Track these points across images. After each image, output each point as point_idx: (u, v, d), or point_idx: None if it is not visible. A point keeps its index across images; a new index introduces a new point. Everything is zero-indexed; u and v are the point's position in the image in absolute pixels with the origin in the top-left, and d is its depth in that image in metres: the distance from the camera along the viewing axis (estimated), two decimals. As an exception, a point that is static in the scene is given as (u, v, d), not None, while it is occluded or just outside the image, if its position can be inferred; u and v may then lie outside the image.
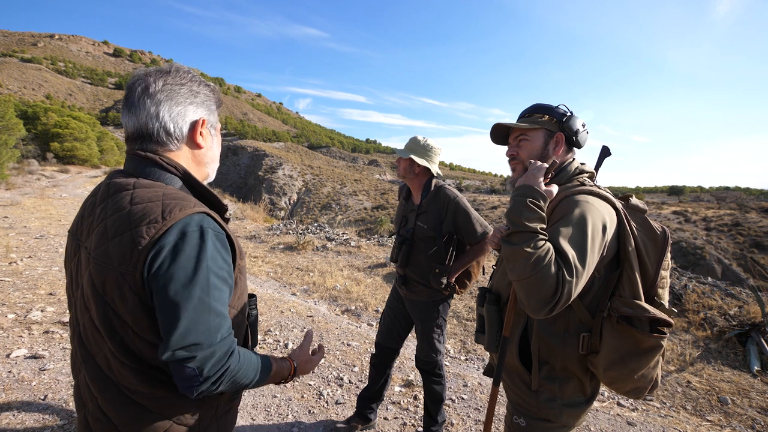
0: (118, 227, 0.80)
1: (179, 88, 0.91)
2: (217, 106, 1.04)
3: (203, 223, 0.82)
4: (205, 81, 0.99)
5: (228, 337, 0.83)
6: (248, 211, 13.31)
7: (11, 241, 6.18)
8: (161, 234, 0.78)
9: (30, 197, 11.87)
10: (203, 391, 0.80)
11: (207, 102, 0.97)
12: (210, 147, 1.00)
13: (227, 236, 0.88)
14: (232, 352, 0.83)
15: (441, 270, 2.06)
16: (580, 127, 1.29)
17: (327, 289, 5.43)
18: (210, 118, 0.98)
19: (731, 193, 54.41)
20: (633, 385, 1.15)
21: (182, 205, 0.82)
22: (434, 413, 2.30)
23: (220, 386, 0.81)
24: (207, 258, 0.80)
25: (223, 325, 0.82)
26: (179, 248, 0.78)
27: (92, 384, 0.87)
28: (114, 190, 0.86)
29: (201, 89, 0.96)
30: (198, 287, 0.77)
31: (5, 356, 2.89)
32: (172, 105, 0.90)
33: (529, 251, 1.01)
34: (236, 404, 1.06)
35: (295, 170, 51.50)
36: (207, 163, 1.01)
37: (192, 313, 0.76)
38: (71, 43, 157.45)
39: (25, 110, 24.26)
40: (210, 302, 0.79)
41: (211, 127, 0.99)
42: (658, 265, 1.18)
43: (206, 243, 0.80)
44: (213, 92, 1.00)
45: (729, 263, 20.63)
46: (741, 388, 3.32)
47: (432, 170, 2.17)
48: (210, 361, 0.78)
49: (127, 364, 0.82)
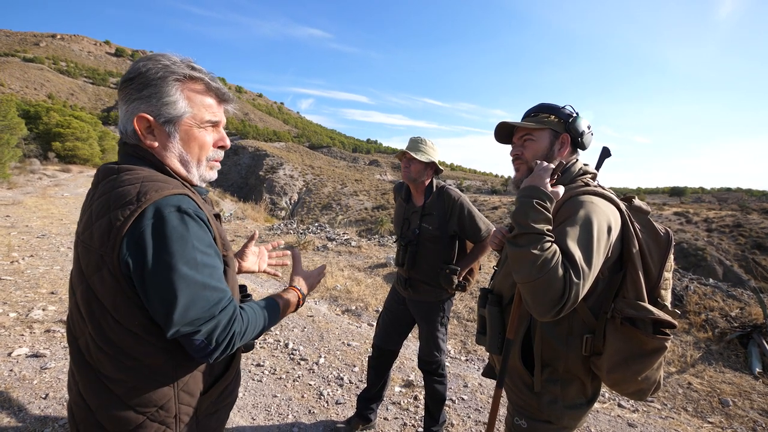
0: (100, 210, 0.81)
1: (136, 83, 0.86)
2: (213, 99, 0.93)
3: (182, 203, 0.80)
4: (179, 67, 0.88)
5: (229, 306, 0.85)
6: (249, 211, 13.31)
7: (13, 240, 6.19)
8: (136, 216, 0.77)
9: (32, 196, 11.89)
10: (218, 356, 0.84)
11: (156, 94, 0.85)
12: (166, 146, 0.89)
13: (207, 222, 0.86)
14: (235, 319, 0.85)
15: (451, 270, 2.05)
16: (586, 129, 1.28)
17: (327, 289, 5.43)
18: (163, 112, 0.86)
19: (733, 194, 54.28)
20: (636, 386, 1.14)
21: (159, 187, 0.81)
22: (435, 413, 2.29)
23: (233, 347, 0.86)
24: (191, 237, 0.79)
25: (222, 297, 0.83)
26: (159, 229, 0.77)
27: (75, 369, 0.88)
28: (101, 176, 0.88)
29: (157, 77, 0.85)
30: (185, 266, 0.77)
31: (6, 355, 2.89)
32: (123, 104, 0.88)
33: (536, 253, 1.00)
34: (224, 407, 1.03)
35: (295, 170, 51.50)
36: (181, 163, 0.91)
37: (187, 291, 0.77)
38: (73, 42, 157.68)
39: (27, 110, 24.29)
40: (203, 279, 0.80)
41: (167, 123, 0.87)
42: (661, 266, 1.18)
43: (187, 223, 0.79)
44: (180, 79, 0.87)
45: (730, 264, 20.58)
46: (742, 390, 3.31)
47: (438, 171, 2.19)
48: (216, 331, 0.81)
49: (103, 349, 0.82)
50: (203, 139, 0.93)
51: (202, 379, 0.93)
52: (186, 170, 0.93)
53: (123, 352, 0.83)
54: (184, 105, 0.88)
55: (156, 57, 0.88)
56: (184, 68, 0.88)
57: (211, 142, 0.95)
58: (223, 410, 1.03)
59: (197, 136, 0.91)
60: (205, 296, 0.80)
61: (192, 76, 0.89)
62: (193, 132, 0.91)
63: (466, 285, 2.21)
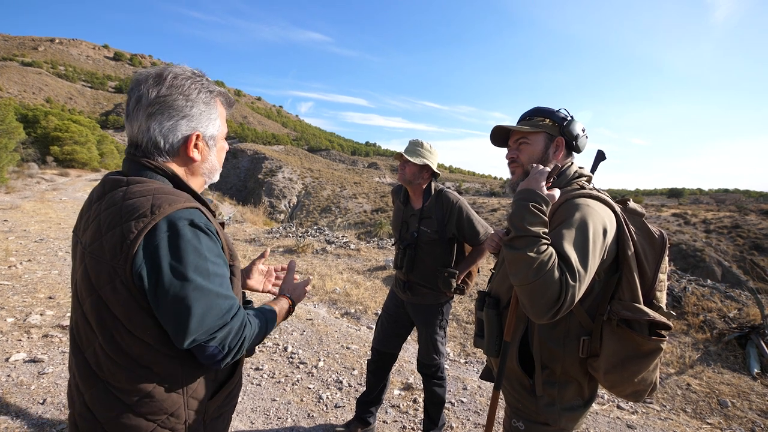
0: (110, 222, 0.82)
1: (173, 99, 0.88)
2: (227, 111, 1.02)
3: (194, 217, 0.83)
4: (209, 85, 0.95)
5: (239, 313, 0.88)
6: (248, 214, 13.31)
7: (11, 245, 6.17)
8: (149, 228, 0.79)
9: (30, 201, 11.86)
10: (228, 362, 0.87)
11: (205, 112, 0.93)
12: (206, 159, 0.97)
13: (216, 234, 0.89)
14: (245, 324, 0.89)
15: (450, 273, 2.06)
16: (580, 132, 1.30)
17: (326, 292, 5.42)
18: (208, 130, 0.95)
19: (731, 195, 54.47)
20: (633, 388, 1.15)
21: (172, 200, 0.83)
22: (434, 416, 2.29)
23: (241, 352, 0.89)
24: (203, 249, 0.82)
25: (233, 305, 0.87)
26: (174, 242, 0.79)
27: (80, 381, 0.88)
28: (109, 187, 0.88)
29: (200, 97, 0.92)
30: (200, 277, 0.80)
31: (4, 360, 2.88)
32: (163, 120, 0.88)
33: (532, 256, 1.00)
34: (228, 410, 1.05)
35: (294, 173, 51.53)
36: (203, 174, 0.99)
37: (203, 301, 0.80)
38: (71, 46, 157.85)
39: (25, 114, 24.27)
40: (215, 288, 0.83)
41: (210, 139, 0.96)
42: (656, 268, 1.18)
43: (199, 236, 0.82)
44: (215, 97, 0.96)
45: (729, 265, 20.62)
46: (741, 391, 3.31)
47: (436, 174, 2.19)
48: (228, 337, 0.85)
49: (115, 360, 0.83)
50: (225, 149, 1.04)
51: (209, 384, 0.95)
52: (208, 178, 1.02)
53: (135, 361, 0.83)
54: (219, 122, 0.99)
55: (184, 74, 0.92)
56: (214, 86, 0.97)
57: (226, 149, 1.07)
58: (228, 413, 1.06)
59: (224, 146, 1.03)
60: (219, 304, 0.83)
61: (219, 92, 0.99)
62: (222, 145, 1.02)
63: (465, 288, 2.21)
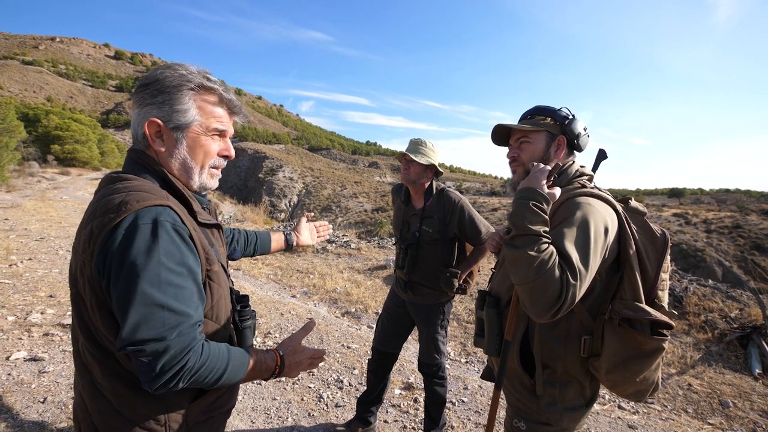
0: (87, 217, 0.83)
1: (149, 89, 0.89)
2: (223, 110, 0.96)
3: (160, 215, 0.78)
4: (193, 78, 0.91)
5: (188, 334, 0.78)
6: (248, 213, 13.32)
7: (11, 243, 6.17)
8: (114, 225, 0.77)
9: (30, 199, 11.87)
10: (160, 387, 0.76)
11: (169, 101, 0.88)
12: (172, 153, 0.91)
13: (190, 236, 0.84)
14: (190, 349, 0.78)
15: (452, 273, 2.05)
16: (582, 131, 1.29)
17: (327, 291, 5.42)
18: (173, 119, 0.89)
19: (731, 195, 54.39)
20: (635, 387, 1.15)
21: (141, 197, 0.79)
22: (435, 416, 2.29)
23: (179, 383, 0.78)
24: (158, 252, 0.76)
25: (182, 322, 0.77)
26: (129, 241, 0.76)
27: (77, 370, 0.91)
28: (102, 184, 0.90)
29: (169, 85, 0.88)
30: (146, 282, 0.74)
31: (5, 358, 2.88)
32: (136, 108, 0.91)
33: (532, 254, 1.00)
34: (217, 415, 1.00)
35: (295, 172, 51.52)
36: (179, 168, 0.93)
37: (141, 308, 0.73)
38: (72, 45, 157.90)
39: (26, 113, 24.29)
40: (162, 299, 0.75)
41: (176, 129, 0.90)
42: (658, 267, 1.18)
43: (159, 237, 0.77)
44: (193, 89, 0.91)
45: (730, 265, 20.59)
46: (742, 391, 3.31)
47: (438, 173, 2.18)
48: (163, 357, 0.74)
49: (93, 354, 0.84)
50: (209, 147, 0.95)
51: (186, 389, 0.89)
52: (188, 176, 0.94)
53: (110, 356, 0.83)
54: (194, 113, 0.91)
55: (174, 66, 0.91)
56: (200, 79, 0.92)
57: (216, 151, 0.97)
58: (219, 417, 1.02)
59: (203, 143, 0.94)
60: (161, 317, 0.75)
61: (206, 86, 0.93)
62: (200, 140, 0.93)
63: (467, 288, 2.21)
